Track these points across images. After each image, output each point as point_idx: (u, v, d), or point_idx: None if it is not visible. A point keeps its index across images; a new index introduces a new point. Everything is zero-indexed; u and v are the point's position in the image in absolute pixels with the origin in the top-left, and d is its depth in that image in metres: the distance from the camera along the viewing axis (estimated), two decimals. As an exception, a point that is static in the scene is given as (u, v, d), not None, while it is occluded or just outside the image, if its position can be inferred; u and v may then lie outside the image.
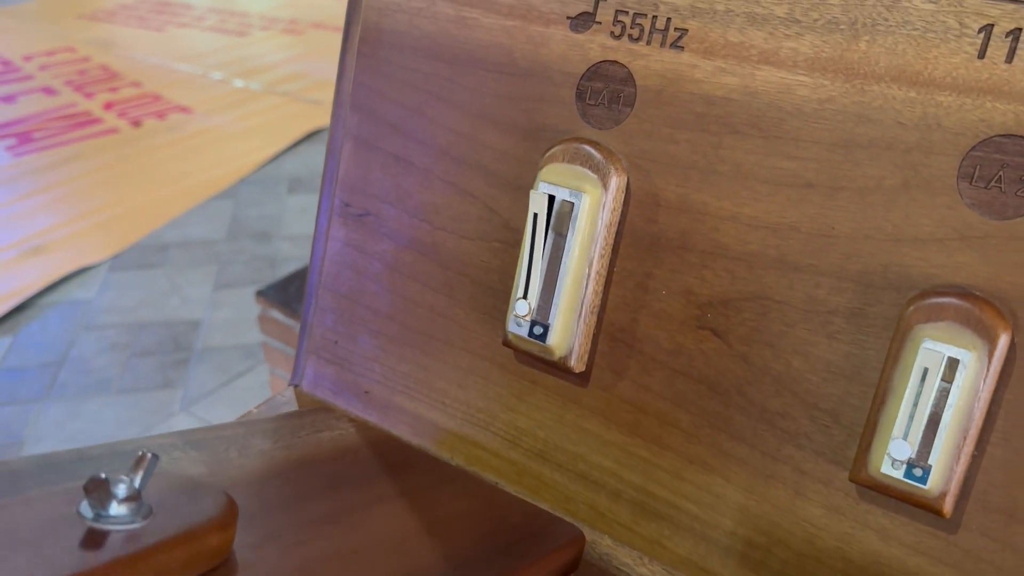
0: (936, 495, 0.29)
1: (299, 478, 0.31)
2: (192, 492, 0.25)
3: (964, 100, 0.29)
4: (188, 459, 0.32)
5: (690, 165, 0.34)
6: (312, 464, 0.33)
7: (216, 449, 0.33)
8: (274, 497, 0.30)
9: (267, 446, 0.34)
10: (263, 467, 0.32)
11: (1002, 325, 0.28)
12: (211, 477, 0.30)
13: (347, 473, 0.33)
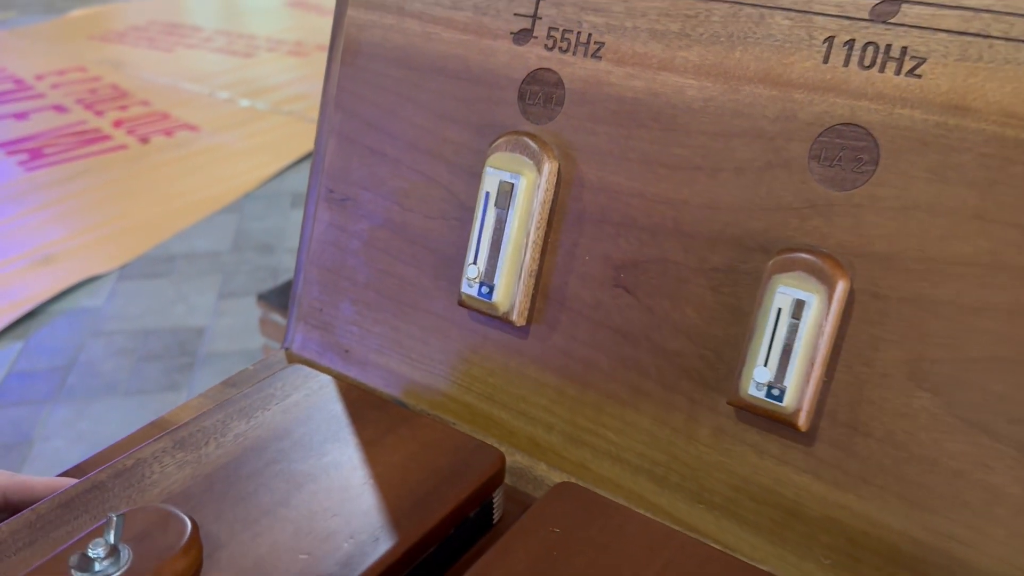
0: (792, 411, 0.36)
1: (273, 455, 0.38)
2: (163, 523, 0.32)
3: (813, 96, 0.36)
4: (174, 462, 0.38)
5: (607, 153, 0.41)
6: (280, 437, 0.39)
7: (197, 444, 0.39)
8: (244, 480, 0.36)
9: (242, 427, 0.40)
10: (238, 453, 0.38)
11: (840, 274, 0.35)
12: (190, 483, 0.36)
13: (310, 436, 0.39)
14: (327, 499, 0.35)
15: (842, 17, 0.35)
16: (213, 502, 0.35)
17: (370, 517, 0.34)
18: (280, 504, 0.35)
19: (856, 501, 0.36)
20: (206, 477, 0.37)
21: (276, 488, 0.36)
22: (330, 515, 0.35)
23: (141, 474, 0.37)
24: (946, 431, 0.34)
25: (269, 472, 0.37)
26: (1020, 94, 0.32)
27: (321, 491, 0.36)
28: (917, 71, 0.34)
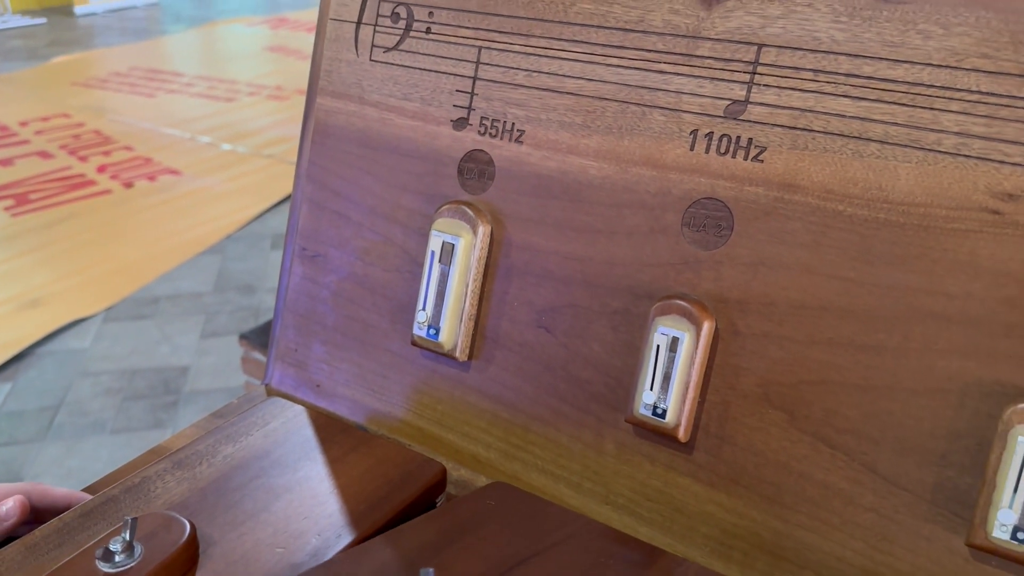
0: (672, 426, 0.45)
1: (255, 471, 0.46)
2: (167, 525, 0.41)
3: (683, 176, 0.46)
4: (174, 479, 0.46)
5: (529, 219, 0.51)
6: (261, 457, 0.48)
7: (193, 465, 0.48)
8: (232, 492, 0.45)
9: (229, 451, 0.49)
10: (227, 470, 0.47)
11: (707, 316, 0.44)
12: (188, 495, 0.45)
13: (286, 456, 0.48)
14: (300, 505, 0.44)
15: (703, 114, 0.45)
16: (207, 510, 0.44)
17: (334, 518, 0.43)
18: (261, 510, 0.44)
19: (726, 498, 0.45)
20: (201, 490, 0.45)
21: (258, 498, 0.44)
22: (302, 518, 0.43)
23: (147, 489, 0.45)
24: (792, 441, 0.43)
25: (252, 485, 0.45)
26: (835, 175, 0.42)
27: (295, 499, 0.44)
28: (760, 157, 0.44)
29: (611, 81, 0.48)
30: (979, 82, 0.38)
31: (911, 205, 0.40)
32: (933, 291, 0.40)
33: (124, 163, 3.54)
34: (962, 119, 0.39)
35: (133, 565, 0.38)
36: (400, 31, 0.55)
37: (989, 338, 0.38)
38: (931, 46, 0.40)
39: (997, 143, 0.38)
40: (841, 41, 0.41)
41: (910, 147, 0.40)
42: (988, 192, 0.38)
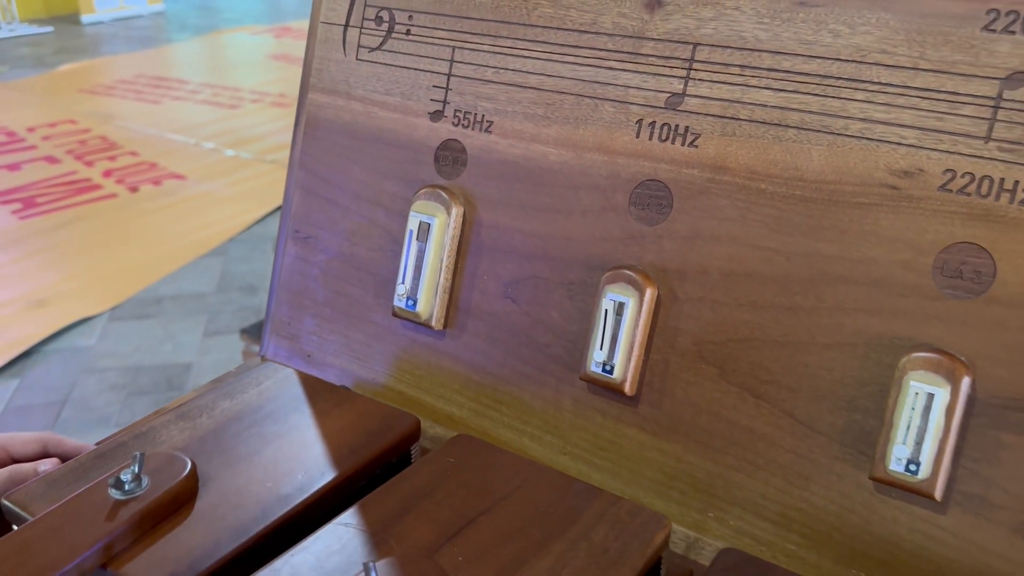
0: (619, 381, 0.51)
1: (249, 422, 0.52)
2: (171, 462, 0.46)
3: (630, 160, 0.51)
4: (177, 428, 0.52)
5: (497, 200, 0.56)
6: (255, 410, 0.54)
7: (194, 417, 0.54)
8: (229, 439, 0.51)
9: (227, 405, 0.55)
10: (224, 421, 0.53)
11: (649, 284, 0.50)
12: (189, 440, 0.51)
13: (277, 410, 0.54)
14: (288, 450, 0.50)
15: (647, 106, 0.51)
16: (206, 452, 0.49)
17: (318, 460, 0.49)
18: (254, 453, 0.49)
19: (667, 445, 0.51)
20: (200, 437, 0.51)
21: (251, 444, 0.50)
22: (290, 459, 0.49)
23: (153, 436, 0.51)
24: (723, 392, 0.49)
25: (246, 433, 0.51)
26: (759, 158, 0.47)
27: (284, 445, 0.50)
28: (695, 143, 0.49)
29: (568, 77, 0.54)
30: (879, 74, 0.44)
31: (822, 183, 0.46)
32: (842, 257, 0.45)
33: (129, 168, 3.61)
34: (865, 107, 0.45)
35: (141, 493, 0.44)
36: (383, 33, 0.61)
37: (888, 297, 0.44)
38: (840, 43, 0.45)
39: (895, 127, 0.44)
40: (764, 40, 0.47)
41: (822, 132, 0.46)
42: (887, 170, 0.44)
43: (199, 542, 0.43)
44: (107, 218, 3.14)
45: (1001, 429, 0.42)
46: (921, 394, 0.42)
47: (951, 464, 0.42)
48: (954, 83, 0.43)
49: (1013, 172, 0.41)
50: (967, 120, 0.42)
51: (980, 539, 0.42)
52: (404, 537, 0.42)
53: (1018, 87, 0.41)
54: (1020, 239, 0.41)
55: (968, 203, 0.42)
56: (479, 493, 0.46)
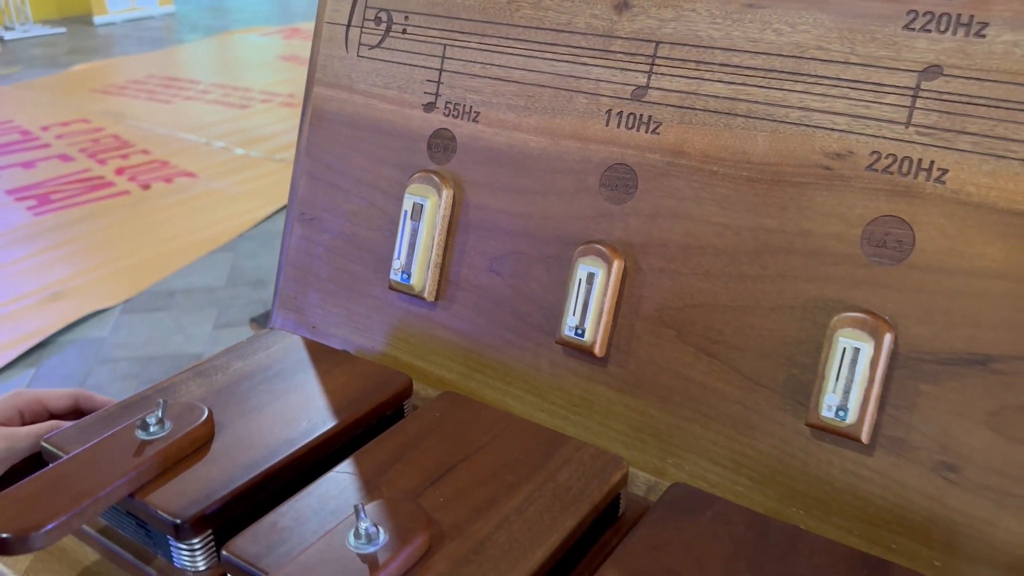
0: (591, 343, 0.57)
1: (259, 379, 0.59)
2: (190, 409, 0.53)
3: (600, 147, 0.57)
4: (195, 384, 0.59)
5: (483, 183, 0.62)
6: (264, 369, 0.60)
7: (210, 375, 0.60)
8: (241, 393, 0.57)
9: (239, 365, 0.61)
10: (237, 379, 0.59)
11: (617, 257, 0.56)
12: (206, 394, 0.57)
13: (284, 369, 0.60)
14: (294, 402, 0.56)
15: (615, 97, 0.57)
16: (221, 404, 0.55)
17: (321, 411, 0.55)
18: (264, 405, 0.55)
19: (632, 400, 0.57)
20: (216, 392, 0.57)
21: (261, 397, 0.56)
22: (295, 410, 0.55)
23: (174, 390, 0.57)
24: (680, 352, 0.55)
25: (257, 389, 0.57)
26: (711, 143, 0.53)
27: (291, 398, 0.56)
28: (657, 130, 0.55)
29: (546, 71, 0.60)
30: (815, 68, 0.50)
31: (766, 165, 0.52)
32: (782, 231, 0.51)
33: (141, 166, 3.68)
34: (804, 97, 0.51)
35: (164, 435, 0.50)
36: (382, 32, 0.67)
37: (823, 265, 0.50)
38: (782, 40, 0.51)
39: (828, 115, 0.50)
40: (717, 38, 0.53)
41: (766, 120, 0.52)
42: (822, 153, 0.50)
43: (214, 476, 0.49)
44: (120, 215, 3.21)
45: (919, 380, 0.48)
46: (848, 349, 0.48)
47: (876, 411, 0.48)
48: (879, 75, 0.48)
49: (929, 153, 0.47)
50: (890, 108, 0.48)
51: (901, 477, 0.48)
52: (393, 483, 0.48)
53: (934, 78, 0.47)
54: (936, 212, 0.47)
55: (891, 181, 0.48)
56: (460, 443, 0.52)
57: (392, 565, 0.41)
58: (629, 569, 0.43)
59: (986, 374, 0.46)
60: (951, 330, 0.47)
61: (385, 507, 0.44)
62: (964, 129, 0.46)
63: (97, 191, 3.43)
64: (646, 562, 0.43)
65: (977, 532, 0.47)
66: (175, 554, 0.47)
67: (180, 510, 0.46)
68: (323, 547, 0.41)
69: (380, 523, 0.43)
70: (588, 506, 0.47)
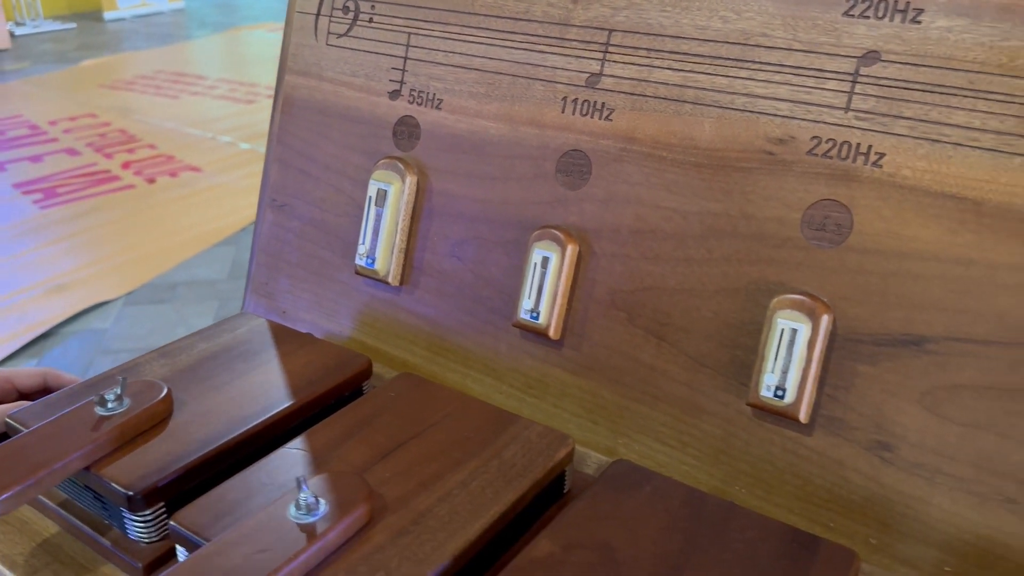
0: (545, 327, 0.58)
1: (222, 360, 0.60)
2: (150, 387, 0.54)
3: (557, 133, 0.58)
4: (159, 364, 0.60)
5: (446, 169, 0.64)
6: (228, 350, 0.61)
7: (175, 355, 0.61)
8: (203, 373, 0.58)
9: (204, 346, 0.62)
10: (201, 359, 0.60)
11: (571, 241, 0.57)
12: (169, 374, 0.58)
13: (248, 350, 0.61)
14: (255, 381, 0.57)
15: (571, 85, 0.58)
16: (183, 382, 0.57)
17: (278, 390, 0.56)
18: (225, 384, 0.57)
19: (585, 382, 0.58)
20: (179, 371, 0.58)
21: (223, 376, 0.58)
22: (254, 389, 0.56)
23: (138, 370, 0.59)
24: (631, 334, 0.56)
25: (219, 368, 0.59)
26: (661, 129, 0.54)
27: (252, 378, 0.58)
28: (610, 117, 0.56)
29: (505, 59, 0.61)
30: (760, 55, 0.51)
31: (712, 150, 0.53)
32: (727, 215, 0.52)
33: (147, 160, 3.71)
34: (748, 83, 0.51)
35: (122, 410, 0.51)
36: (349, 21, 0.68)
37: (765, 248, 0.51)
38: (728, 28, 0.52)
39: (772, 100, 0.51)
40: (667, 26, 0.54)
41: (712, 106, 0.53)
42: (765, 138, 0.51)
43: (169, 451, 0.50)
44: (125, 208, 3.23)
45: (857, 360, 0.48)
46: (786, 330, 0.49)
47: (814, 391, 0.49)
48: (820, 61, 0.49)
49: (867, 138, 0.48)
50: (830, 93, 0.49)
51: (839, 456, 0.49)
52: (343, 458, 0.50)
53: (872, 64, 0.48)
54: (873, 196, 0.48)
55: (830, 165, 0.49)
56: (412, 422, 0.53)
57: (330, 535, 0.42)
58: (563, 539, 0.44)
59: (920, 355, 0.47)
60: (887, 311, 0.47)
61: (328, 480, 0.45)
62: (900, 114, 0.47)
63: (103, 185, 3.46)
64: (580, 532, 0.44)
65: (911, 510, 0.47)
66: (128, 526, 0.48)
67: (133, 483, 0.47)
68: (264, 517, 0.43)
69: (322, 495, 0.44)
70: (530, 481, 0.48)
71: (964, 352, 0.46)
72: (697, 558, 0.43)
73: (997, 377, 0.45)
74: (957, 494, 0.46)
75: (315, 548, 0.41)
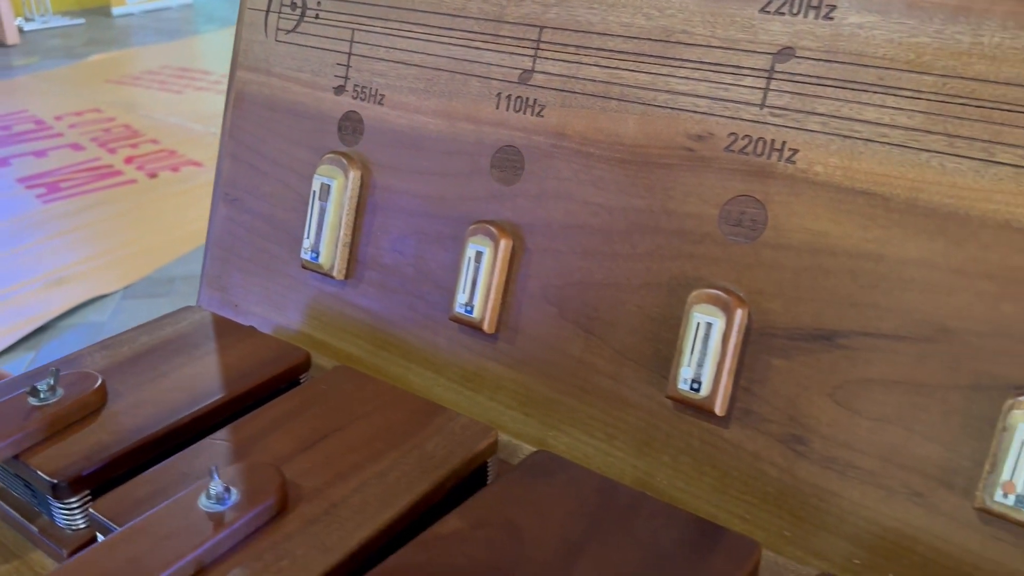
0: (479, 320, 0.58)
1: (162, 352, 0.61)
2: (84, 377, 0.55)
3: (492, 129, 0.59)
4: (100, 356, 0.61)
5: (388, 165, 0.64)
6: (168, 343, 0.62)
7: (116, 348, 0.62)
8: (141, 365, 0.59)
9: (145, 339, 0.63)
10: (141, 352, 0.61)
11: (505, 236, 0.58)
12: (108, 365, 0.59)
13: (188, 343, 0.62)
14: (192, 373, 0.58)
15: (505, 81, 0.58)
16: (121, 374, 0.58)
17: (212, 382, 0.57)
18: (161, 376, 0.58)
19: (518, 375, 0.58)
20: (119, 363, 0.59)
21: (160, 368, 0.59)
22: (192, 379, 0.57)
23: (79, 362, 0.60)
24: (561, 328, 0.56)
25: (158, 360, 0.60)
26: (589, 126, 0.55)
27: (189, 370, 0.59)
28: (541, 113, 0.57)
29: (443, 56, 0.61)
30: (681, 52, 0.51)
31: (636, 146, 0.53)
32: (650, 211, 0.53)
33: (150, 155, 3.73)
34: (670, 80, 0.52)
35: (54, 401, 0.52)
36: (297, 17, 0.69)
37: (686, 244, 0.51)
38: (651, 24, 0.53)
39: (692, 97, 0.51)
40: (594, 23, 0.55)
41: (636, 103, 0.53)
42: (685, 135, 0.51)
43: (98, 441, 0.51)
44: (126, 203, 3.26)
45: (771, 354, 0.49)
46: (702, 324, 0.49)
47: (730, 385, 0.50)
48: (738, 58, 0.50)
49: (782, 134, 0.48)
50: (747, 90, 0.49)
51: (754, 448, 0.50)
52: (266, 449, 0.50)
53: (787, 60, 0.48)
54: (787, 192, 0.48)
55: (746, 162, 0.49)
56: (340, 414, 0.54)
57: (237, 524, 0.43)
58: (472, 518, 0.44)
59: (831, 349, 0.47)
60: (799, 306, 0.48)
61: (243, 470, 0.46)
62: (813, 110, 0.47)
63: (105, 179, 3.48)
64: (490, 513, 0.45)
65: (824, 503, 0.48)
66: (55, 513, 0.49)
67: (59, 471, 0.48)
68: (175, 506, 0.44)
69: (234, 485, 0.45)
70: (447, 471, 0.49)
71: (873, 347, 0.46)
72: (600, 541, 0.43)
73: (905, 372, 0.45)
74: (867, 487, 0.46)
75: (221, 536, 0.42)
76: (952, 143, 0.44)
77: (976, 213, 0.43)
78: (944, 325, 0.44)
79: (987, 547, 0.44)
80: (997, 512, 0.42)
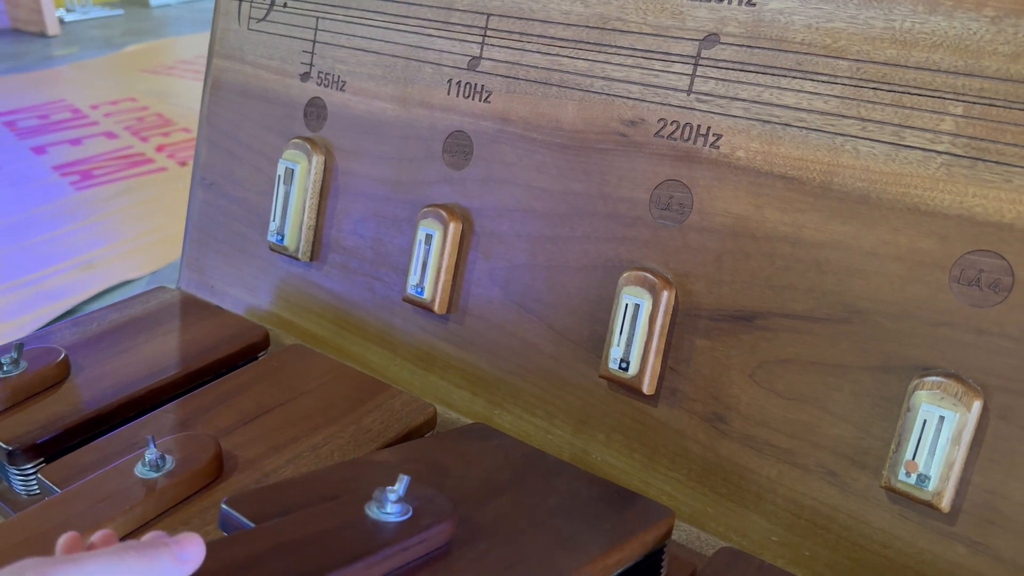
0: (430, 301, 0.60)
1: (128, 330, 0.63)
2: (48, 352, 0.58)
3: (444, 114, 0.61)
4: (70, 333, 0.64)
5: (350, 149, 0.66)
6: (136, 321, 0.65)
7: (86, 326, 0.65)
8: (107, 341, 0.62)
9: (114, 316, 0.66)
10: (108, 329, 0.64)
11: (455, 219, 0.59)
12: (77, 341, 0.62)
13: (154, 321, 0.65)
14: (155, 347, 0.61)
15: (455, 67, 0.60)
16: (86, 349, 0.60)
17: (176, 354, 0.60)
18: (125, 351, 0.60)
19: (467, 355, 0.60)
20: (86, 339, 0.62)
21: (125, 344, 0.61)
22: (155, 353, 0.60)
23: (49, 338, 0.63)
24: (506, 310, 0.58)
25: (124, 336, 0.62)
26: (531, 111, 0.56)
27: (153, 345, 0.61)
28: (488, 99, 0.58)
29: (399, 43, 0.63)
30: (616, 39, 0.53)
31: (575, 132, 0.54)
32: (587, 194, 0.54)
33: (181, 143, 3.79)
34: (606, 67, 0.53)
35: (17, 374, 0.55)
36: (267, 6, 0.71)
37: (620, 227, 0.53)
38: (589, 12, 0.54)
39: (625, 84, 0.52)
40: (536, 10, 0.56)
41: (575, 89, 0.54)
42: (619, 120, 0.52)
43: (56, 411, 0.54)
44: (155, 190, 3.31)
45: (695, 335, 0.50)
46: (630, 304, 0.50)
47: (658, 364, 0.51)
48: (668, 44, 0.51)
49: (707, 120, 0.49)
50: (675, 76, 0.50)
51: (679, 425, 0.51)
52: (209, 422, 0.53)
53: (712, 46, 0.49)
54: (711, 176, 0.49)
55: (674, 147, 0.50)
56: (286, 389, 0.56)
57: (169, 490, 0.45)
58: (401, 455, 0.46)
59: (751, 330, 0.48)
60: (722, 288, 0.49)
61: (180, 441, 0.48)
62: (736, 96, 0.48)
63: (137, 167, 3.54)
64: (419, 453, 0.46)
65: (743, 480, 0.49)
66: (12, 479, 0.52)
67: (14, 439, 0.51)
68: (113, 472, 0.46)
69: (171, 454, 0.47)
70: (379, 445, 0.50)
71: (790, 328, 0.47)
72: (518, 490, 0.44)
73: (819, 352, 0.46)
74: (783, 466, 0.47)
75: (153, 501, 0.44)
76: (865, 127, 0.44)
77: (887, 196, 0.44)
78: (856, 306, 0.45)
79: (896, 525, 0.44)
80: (901, 491, 0.43)
